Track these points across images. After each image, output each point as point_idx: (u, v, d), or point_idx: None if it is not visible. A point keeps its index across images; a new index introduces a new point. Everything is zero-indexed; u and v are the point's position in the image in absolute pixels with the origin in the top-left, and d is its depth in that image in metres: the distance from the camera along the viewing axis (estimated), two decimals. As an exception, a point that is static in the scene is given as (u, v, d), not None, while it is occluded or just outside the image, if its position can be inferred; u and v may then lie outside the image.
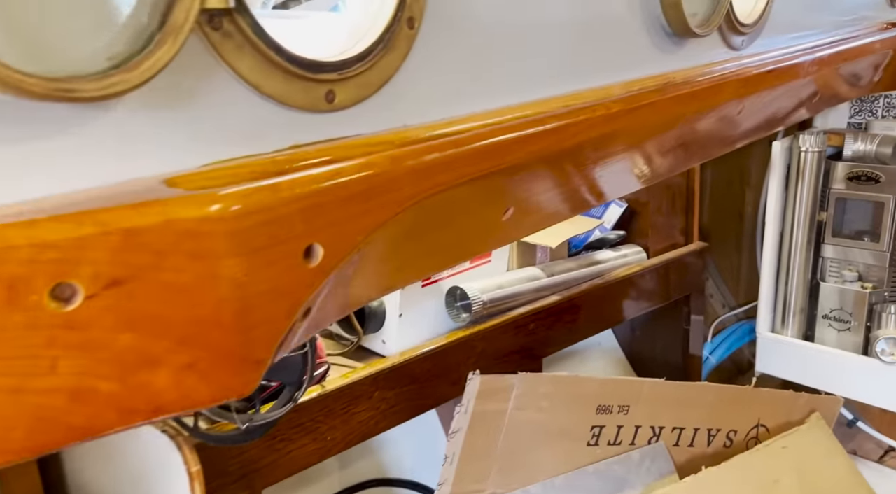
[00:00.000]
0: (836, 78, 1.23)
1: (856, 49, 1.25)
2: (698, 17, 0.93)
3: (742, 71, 0.94)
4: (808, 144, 1.85)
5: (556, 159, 0.73)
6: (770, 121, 1.11)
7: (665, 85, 0.86)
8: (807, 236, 1.92)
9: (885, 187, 1.81)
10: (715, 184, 2.41)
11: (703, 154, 0.95)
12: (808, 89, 1.15)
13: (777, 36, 1.16)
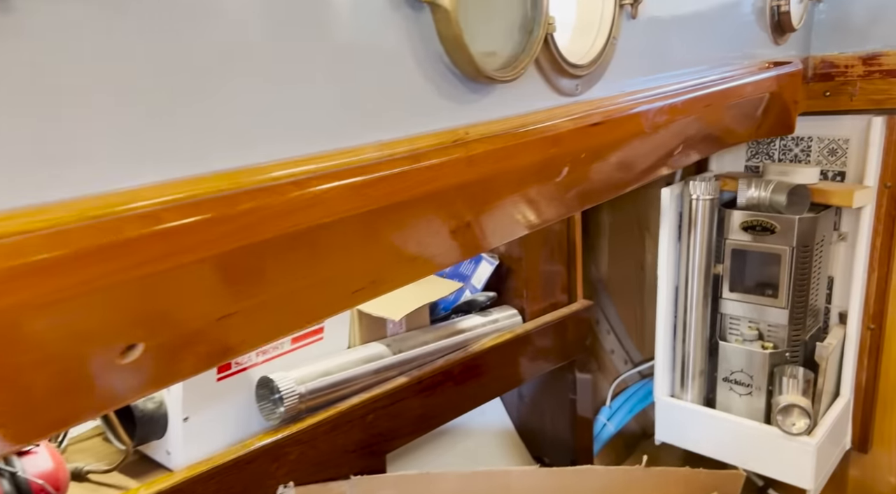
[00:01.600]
0: (704, 124, 1.06)
1: (727, 91, 1.09)
2: (499, 57, 0.73)
3: (559, 124, 0.74)
4: (698, 191, 1.70)
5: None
6: (613, 184, 0.92)
7: (446, 144, 0.65)
8: (703, 291, 1.76)
9: (780, 238, 1.67)
10: (615, 231, 2.25)
11: (499, 236, 0.74)
12: (664, 140, 0.97)
13: (630, 78, 0.98)
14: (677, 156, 1.05)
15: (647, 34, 1.02)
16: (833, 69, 1.67)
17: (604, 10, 0.92)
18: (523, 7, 0.75)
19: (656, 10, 1.04)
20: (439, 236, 0.64)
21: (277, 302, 0.57)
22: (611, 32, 0.92)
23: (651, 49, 1.03)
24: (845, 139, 1.74)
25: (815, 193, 1.69)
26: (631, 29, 0.98)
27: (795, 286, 1.66)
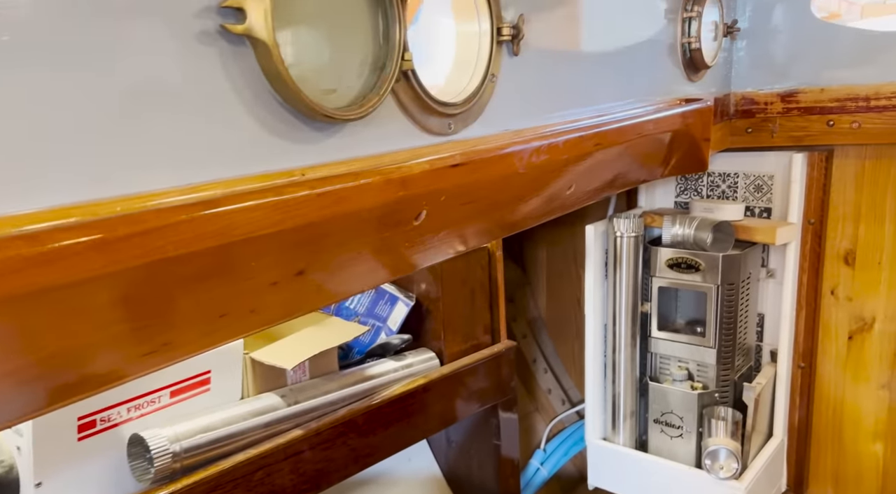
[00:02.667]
0: (596, 163, 1.02)
1: (623, 129, 1.06)
2: (343, 95, 0.69)
3: (412, 165, 0.70)
4: (622, 229, 1.67)
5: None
6: (493, 227, 0.88)
7: (276, 186, 0.60)
8: (631, 330, 1.72)
9: (706, 276, 1.64)
10: (552, 267, 2.21)
11: (348, 286, 0.69)
12: (546, 180, 0.93)
13: (516, 116, 0.95)
14: (570, 196, 1.01)
15: (535, 71, 0.99)
16: (753, 106, 1.67)
17: (480, 46, 0.89)
18: (373, 43, 0.71)
19: (546, 47, 1.01)
20: (255, 288, 0.58)
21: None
22: (488, 69, 0.89)
23: (541, 87, 1.00)
24: (770, 175, 1.73)
25: (740, 230, 1.67)
26: (515, 66, 0.94)
27: (722, 324, 1.63)
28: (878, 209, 1.64)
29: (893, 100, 1.50)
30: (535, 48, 0.99)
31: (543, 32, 1.01)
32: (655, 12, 1.33)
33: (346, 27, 0.68)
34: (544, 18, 1.01)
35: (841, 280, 1.70)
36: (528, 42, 0.97)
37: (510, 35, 0.91)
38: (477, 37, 0.89)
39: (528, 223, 0.98)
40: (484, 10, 0.88)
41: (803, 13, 1.57)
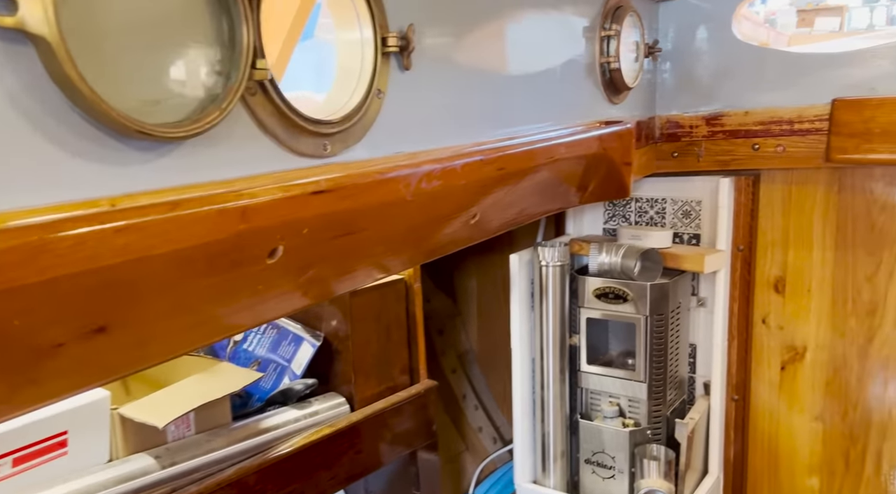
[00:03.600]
0: (503, 189, 0.93)
1: (531, 153, 0.96)
2: (172, 106, 0.57)
3: (257, 192, 0.58)
4: (548, 257, 1.58)
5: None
6: (381, 261, 0.76)
7: (74, 218, 0.47)
8: (559, 364, 1.62)
9: (634, 306, 1.56)
10: (483, 298, 2.11)
11: (174, 345, 0.56)
12: (442, 208, 0.82)
13: (410, 137, 0.84)
14: (475, 225, 0.91)
15: (432, 89, 0.89)
16: (679, 129, 1.62)
17: (363, 57, 0.78)
18: (213, 46, 0.60)
19: (445, 62, 0.92)
20: (31, 352, 0.45)
21: None
22: (372, 84, 0.78)
23: (439, 106, 0.90)
24: (697, 201, 1.68)
25: (668, 258, 1.60)
26: (407, 82, 0.84)
27: (652, 357, 1.55)
28: (806, 235, 1.60)
29: (816, 123, 1.46)
30: (432, 63, 0.89)
31: (441, 46, 0.92)
32: (572, 29, 1.26)
33: (174, 25, 0.56)
34: (442, 31, 0.92)
35: (772, 308, 1.65)
36: (424, 56, 0.87)
37: (398, 46, 0.81)
38: (359, 46, 0.78)
39: (427, 256, 0.87)
40: (365, 15, 0.77)
41: (726, 34, 1.53)
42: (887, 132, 1.37)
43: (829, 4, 5.79)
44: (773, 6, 5.90)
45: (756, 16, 5.34)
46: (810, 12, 5.74)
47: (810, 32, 5.62)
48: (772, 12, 5.80)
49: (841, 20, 5.61)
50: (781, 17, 5.62)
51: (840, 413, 1.58)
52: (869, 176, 1.51)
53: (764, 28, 4.51)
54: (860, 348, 1.55)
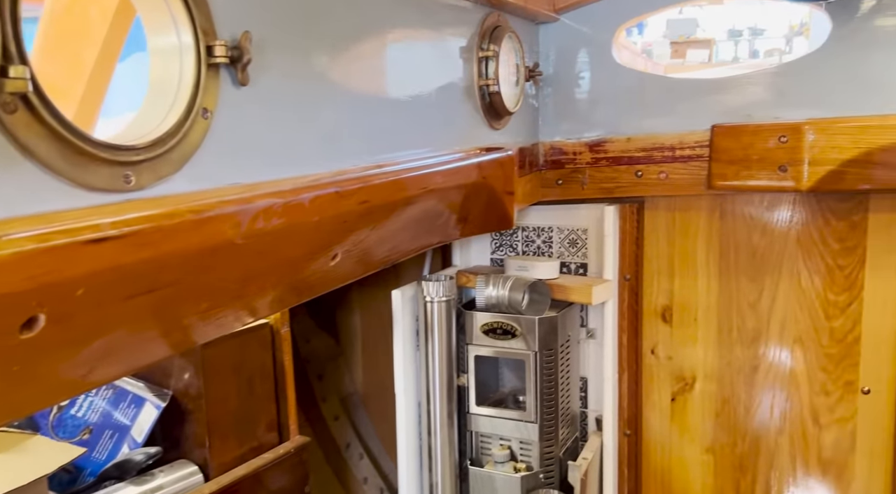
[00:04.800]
0: (368, 223, 0.80)
1: (399, 183, 0.85)
2: None
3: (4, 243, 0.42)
4: (432, 293, 1.47)
5: None
6: (199, 323, 0.61)
7: None
8: (447, 406, 1.51)
9: (523, 341, 1.47)
10: (369, 336, 1.97)
11: None
12: (287, 250, 0.68)
13: (250, 166, 0.70)
14: (336, 267, 0.78)
15: (278, 109, 0.76)
16: (562, 156, 1.57)
17: (182, 70, 0.64)
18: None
19: (296, 79, 0.78)
20: None
21: None
22: (195, 102, 0.64)
23: (287, 130, 0.77)
24: (583, 229, 1.63)
25: (556, 289, 1.53)
26: (243, 100, 0.70)
27: (543, 395, 1.47)
28: (690, 262, 1.58)
29: (697, 149, 1.45)
30: (280, 79, 0.76)
31: (292, 60, 0.78)
32: (447, 49, 1.17)
33: None
34: (293, 43, 0.79)
35: (660, 338, 1.61)
36: (268, 70, 0.73)
37: (228, 57, 0.67)
38: (176, 55, 0.64)
39: (273, 308, 0.72)
40: (182, 17, 0.63)
41: (606, 59, 1.50)
42: (764, 158, 1.37)
43: (698, 37, 6.16)
44: (649, 38, 6.20)
45: (634, 45, 5.59)
46: (682, 44, 6.08)
47: (683, 63, 5.94)
48: (648, 43, 6.10)
49: (710, 52, 5.97)
50: (657, 48, 5.90)
51: (730, 445, 1.56)
52: (749, 202, 1.51)
53: (641, 58, 4.69)
54: (746, 377, 1.54)
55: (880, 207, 1.39)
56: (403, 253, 0.96)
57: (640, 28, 6.11)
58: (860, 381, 1.42)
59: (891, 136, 1.24)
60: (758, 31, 6.05)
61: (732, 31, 6.23)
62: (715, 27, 6.23)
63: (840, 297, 1.44)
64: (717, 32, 6.24)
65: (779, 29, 5.74)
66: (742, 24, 6.13)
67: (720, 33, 6.25)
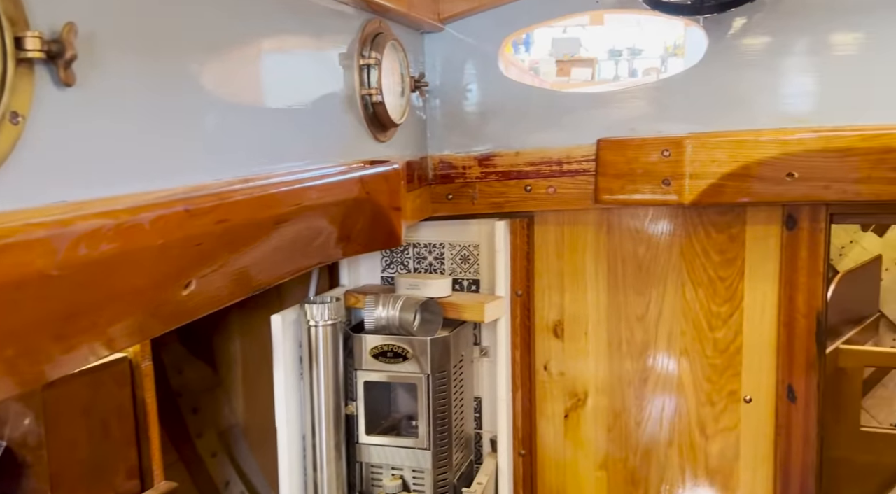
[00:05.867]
0: (225, 247, 0.70)
1: (263, 200, 0.75)
2: None
3: None
4: (316, 316, 1.37)
5: None
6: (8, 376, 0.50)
7: None
8: (335, 438, 1.41)
9: (415, 364, 1.40)
10: (249, 363, 1.83)
11: None
12: (117, 280, 0.58)
13: (92, 181, 0.59)
14: (190, 297, 0.67)
15: (116, 114, 0.65)
16: (452, 170, 1.52)
17: (-18, 63, 0.52)
18: None
19: (141, 78, 0.68)
20: None
21: None
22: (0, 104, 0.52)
23: (126, 137, 0.66)
24: (475, 245, 1.58)
25: (448, 308, 1.48)
26: (70, 103, 0.59)
27: (436, 420, 1.40)
28: (580, 277, 1.57)
29: (584, 163, 1.44)
30: (117, 80, 0.65)
31: (133, 58, 0.68)
32: (326, 55, 1.09)
33: None
34: (134, 37, 0.68)
35: (552, 353, 1.60)
36: (101, 69, 0.63)
37: (44, 51, 0.56)
38: (-27, 47, 0.52)
39: (105, 350, 0.61)
40: (-24, 1, 0.51)
41: (494, 72, 1.47)
42: (649, 172, 1.38)
43: (582, 56, 6.40)
44: (536, 55, 6.38)
45: (521, 63, 5.72)
46: (567, 62, 6.29)
47: (568, 81, 6.15)
48: (535, 61, 6.26)
49: (593, 70, 6.21)
50: (543, 66, 6.07)
51: (622, 459, 1.56)
52: (635, 215, 1.53)
53: (529, 75, 4.80)
54: (636, 390, 1.54)
55: (757, 219, 1.43)
56: (276, 277, 0.87)
57: (527, 46, 6.27)
58: (742, 390, 1.46)
59: (765, 151, 1.28)
60: (636, 51, 6.36)
61: (613, 51, 6.52)
62: (597, 47, 6.49)
63: (722, 308, 1.47)
64: (599, 52, 6.51)
65: (655, 49, 6.06)
66: (622, 44, 6.43)
67: (602, 53, 6.52)
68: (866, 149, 1.21)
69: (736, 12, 1.31)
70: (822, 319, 1.39)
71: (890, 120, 1.24)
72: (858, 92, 1.28)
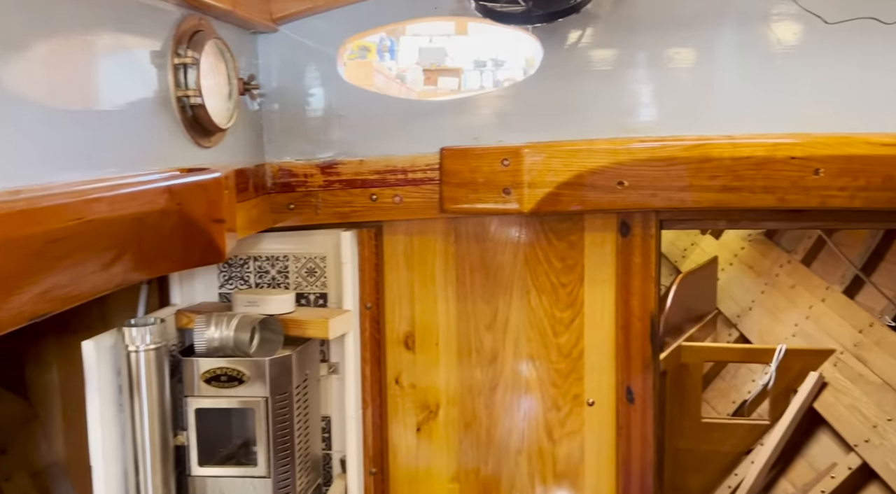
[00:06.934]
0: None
1: (45, 212, 0.65)
2: None
3: None
4: (137, 341, 1.24)
5: None
6: None
7: None
8: (162, 473, 1.28)
9: (252, 387, 1.31)
10: (70, 394, 1.63)
11: None
12: None
13: None
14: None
15: None
16: (293, 178, 1.44)
17: None
18: None
19: None
20: None
21: None
22: None
23: None
24: (322, 257, 1.51)
25: (290, 325, 1.40)
26: None
27: (276, 445, 1.32)
28: (430, 287, 1.54)
29: (428, 172, 1.41)
30: None
31: None
32: (136, 53, 0.98)
33: None
34: None
35: (404, 366, 1.55)
36: None
37: None
38: None
39: None
40: None
41: (333, 76, 1.41)
42: (490, 181, 1.37)
43: (447, 66, 6.48)
44: (403, 64, 6.38)
45: (389, 71, 5.68)
46: (434, 71, 6.34)
47: (436, 89, 6.20)
48: (403, 69, 6.26)
49: (459, 80, 6.30)
50: (411, 74, 6.08)
51: (474, 470, 1.54)
52: (480, 224, 1.52)
53: (396, 82, 4.74)
54: (486, 398, 1.54)
55: (594, 227, 1.47)
56: (59, 303, 0.75)
57: (392, 54, 6.26)
58: (586, 394, 1.49)
59: (597, 160, 1.31)
60: (499, 62, 6.53)
61: (478, 62, 6.66)
62: (462, 57, 6.60)
63: (565, 314, 1.50)
64: (464, 62, 6.62)
65: (517, 61, 6.26)
66: (485, 55, 6.58)
67: (467, 63, 6.64)
68: (687, 159, 1.27)
69: (570, 24, 1.33)
70: (656, 321, 1.45)
71: (712, 131, 1.31)
72: (687, 104, 1.34)
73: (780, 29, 1.28)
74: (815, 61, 1.27)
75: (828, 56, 1.26)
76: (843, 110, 1.27)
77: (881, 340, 2.47)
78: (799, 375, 2.63)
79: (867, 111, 1.27)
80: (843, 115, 1.26)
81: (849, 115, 1.27)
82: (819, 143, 1.24)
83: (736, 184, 1.27)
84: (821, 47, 1.26)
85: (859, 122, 1.26)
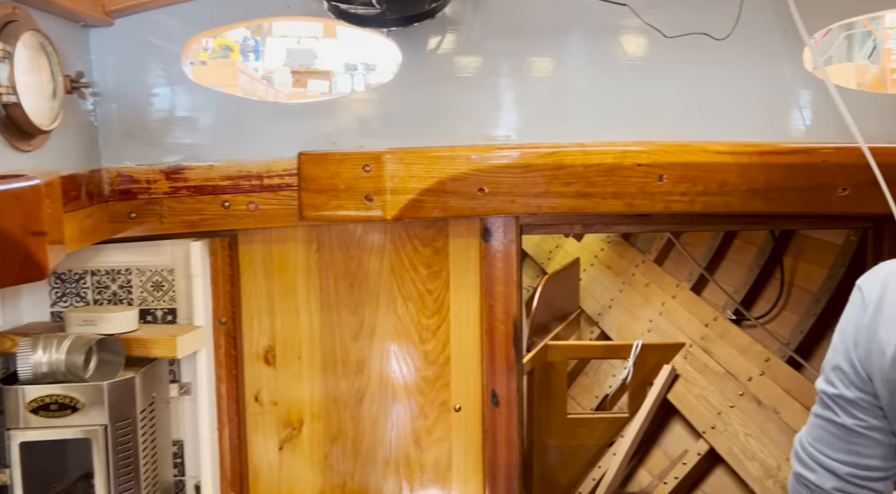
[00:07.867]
0: None
1: None
2: None
3: None
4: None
5: None
6: None
7: None
8: (-21, 520, 1.13)
9: (89, 415, 1.19)
10: None
11: None
12: None
13: None
14: None
15: None
16: (134, 185, 1.33)
17: None
18: None
19: None
20: None
21: None
22: None
23: None
24: (169, 269, 1.40)
25: (132, 344, 1.28)
26: None
27: (118, 476, 1.20)
28: (291, 298, 1.48)
29: (286, 178, 1.35)
30: None
31: None
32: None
33: None
34: None
35: (264, 382, 1.48)
36: None
37: None
38: None
39: None
40: None
41: (178, 75, 1.32)
42: (351, 188, 1.33)
43: (318, 68, 6.34)
44: (270, 65, 6.17)
45: (255, 72, 5.47)
46: (303, 74, 6.18)
47: (305, 92, 6.04)
48: (270, 70, 6.05)
49: (329, 83, 6.19)
50: (279, 76, 5.89)
51: (340, 486, 1.49)
52: (344, 232, 1.48)
53: (262, 84, 4.54)
54: (353, 410, 1.49)
55: (458, 233, 1.47)
56: None
57: (258, 54, 6.04)
58: (452, 400, 1.49)
59: (458, 167, 1.31)
60: (371, 66, 6.49)
61: (349, 65, 6.57)
62: (332, 60, 6.49)
63: (431, 320, 1.49)
64: (334, 65, 6.51)
65: (388, 65, 6.25)
66: (356, 58, 6.51)
67: (338, 66, 6.54)
68: (543, 166, 1.30)
69: (428, 30, 1.33)
70: (519, 325, 1.47)
71: (566, 139, 1.35)
72: (543, 113, 1.37)
73: (625, 41, 1.34)
74: (657, 73, 1.34)
75: (668, 68, 1.34)
76: (683, 119, 1.35)
77: (724, 333, 2.68)
78: (654, 368, 2.79)
79: (704, 120, 1.35)
80: (682, 125, 1.35)
81: (688, 125, 1.35)
82: (662, 151, 1.32)
83: (588, 191, 1.32)
84: (663, 60, 1.33)
85: (697, 131, 1.35)
